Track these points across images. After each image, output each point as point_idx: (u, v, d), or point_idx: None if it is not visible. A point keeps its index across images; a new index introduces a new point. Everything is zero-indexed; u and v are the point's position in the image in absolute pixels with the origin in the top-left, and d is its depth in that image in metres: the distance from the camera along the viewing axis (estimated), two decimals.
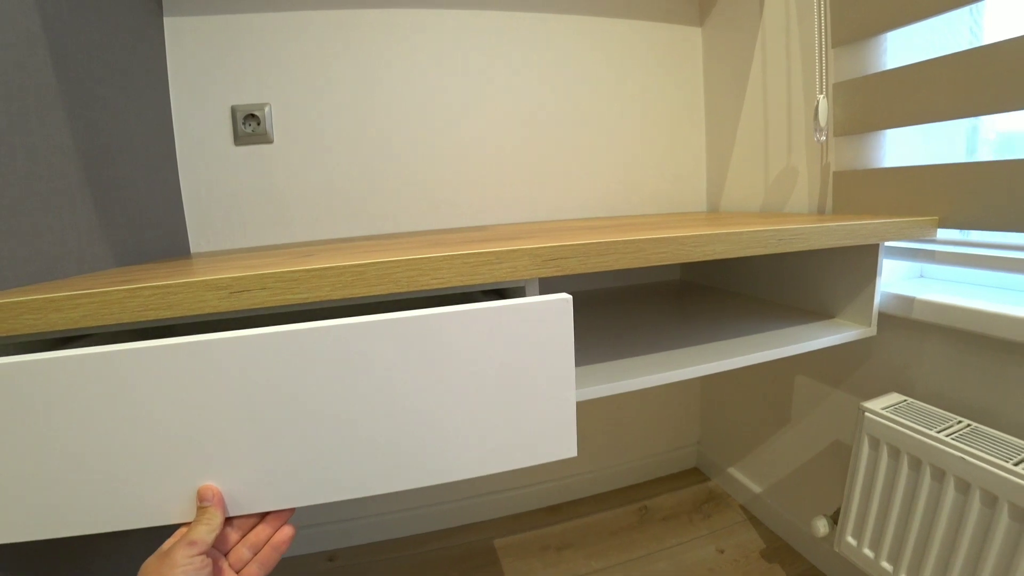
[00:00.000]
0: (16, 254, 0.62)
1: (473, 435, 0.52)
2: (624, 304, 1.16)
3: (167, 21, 1.06)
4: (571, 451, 0.57)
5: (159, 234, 0.99)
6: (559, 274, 0.54)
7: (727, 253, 0.60)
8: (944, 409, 0.84)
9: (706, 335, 0.87)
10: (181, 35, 1.07)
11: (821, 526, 0.99)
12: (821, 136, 0.99)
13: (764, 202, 1.23)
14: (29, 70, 0.66)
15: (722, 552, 1.25)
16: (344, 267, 0.48)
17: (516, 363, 0.52)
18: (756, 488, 1.36)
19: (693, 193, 1.46)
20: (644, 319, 1.01)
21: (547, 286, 1.29)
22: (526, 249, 0.54)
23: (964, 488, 0.71)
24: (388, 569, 1.26)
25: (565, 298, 0.51)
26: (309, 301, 0.48)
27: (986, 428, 0.77)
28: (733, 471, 1.46)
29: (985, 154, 0.94)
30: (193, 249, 1.13)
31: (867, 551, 0.87)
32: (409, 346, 0.48)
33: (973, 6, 0.79)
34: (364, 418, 0.48)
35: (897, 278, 0.99)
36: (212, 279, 0.46)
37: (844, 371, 1.05)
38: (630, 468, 1.55)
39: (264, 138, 1.12)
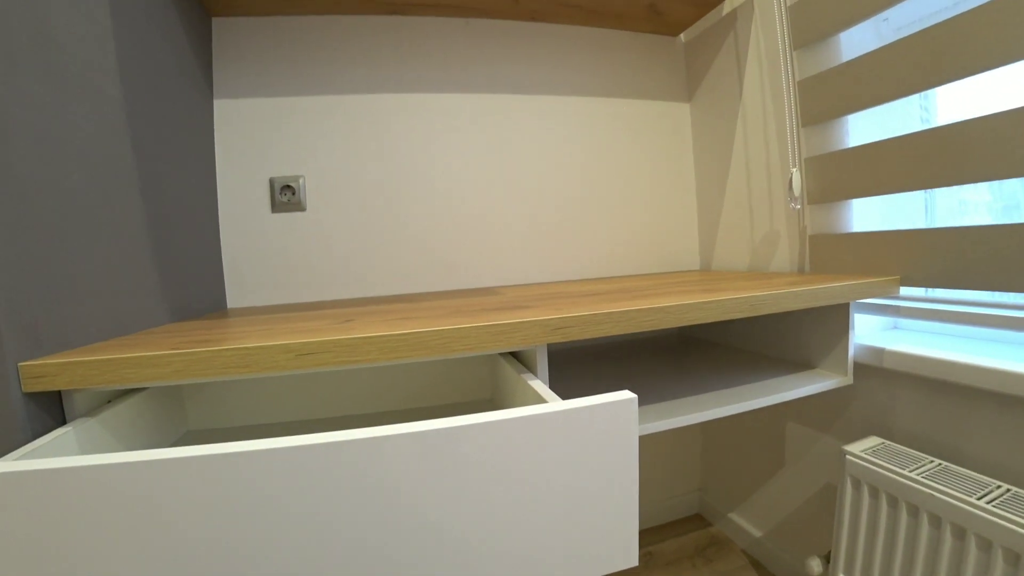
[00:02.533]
0: (98, 311, 0.72)
1: (532, 549, 0.47)
2: (626, 357, 1.25)
3: (216, 103, 1.20)
4: (633, 559, 0.51)
5: (201, 291, 1.10)
6: (564, 340, 0.64)
7: (707, 319, 0.71)
8: (919, 450, 0.92)
9: (703, 385, 0.96)
10: (228, 115, 1.21)
11: (815, 566, 1.05)
12: (796, 204, 1.11)
13: (751, 262, 1.35)
14: (115, 154, 0.78)
15: None
16: (391, 336, 0.59)
17: (578, 473, 0.47)
18: (756, 532, 1.42)
19: (687, 252, 1.58)
20: (646, 370, 1.10)
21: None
22: (537, 321, 0.64)
23: (936, 522, 0.78)
24: None
25: (630, 398, 0.48)
26: (361, 362, 0.58)
27: (955, 467, 0.84)
28: (734, 516, 1.51)
29: (943, 220, 1.05)
30: (229, 304, 1.24)
31: None
32: (472, 454, 0.44)
33: (925, 92, 0.92)
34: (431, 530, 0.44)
35: (872, 330, 1.08)
36: (284, 343, 0.56)
37: (829, 417, 1.14)
38: None
39: (298, 206, 1.25)
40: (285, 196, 1.24)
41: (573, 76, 1.45)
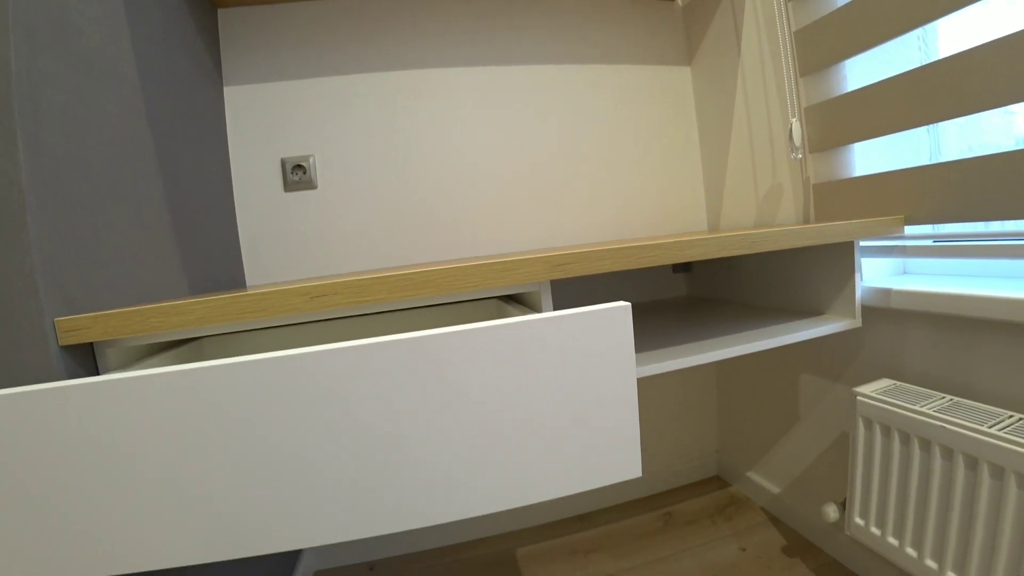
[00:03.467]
0: (123, 279, 0.76)
1: (531, 459, 0.49)
2: (638, 316, 1.27)
3: (227, 90, 1.24)
4: (635, 471, 0.52)
5: (221, 269, 1.14)
6: (566, 276, 0.66)
7: (705, 255, 0.72)
8: (930, 388, 0.92)
9: (714, 333, 0.98)
10: (237, 100, 1.25)
11: (831, 512, 1.06)
12: (797, 155, 1.11)
13: (757, 218, 1.35)
14: (136, 135, 0.82)
15: (744, 550, 1.31)
16: (398, 275, 0.61)
17: (576, 379, 0.48)
18: (775, 489, 1.43)
19: (694, 215, 1.59)
20: (657, 326, 1.12)
21: (558, 304, 1.41)
22: (539, 257, 0.66)
23: (948, 455, 0.79)
24: None
25: (624, 306, 0.49)
26: (371, 302, 0.61)
27: (966, 400, 0.85)
28: (752, 475, 1.52)
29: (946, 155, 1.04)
30: (248, 282, 1.28)
31: (874, 529, 0.93)
32: (472, 358, 0.46)
33: (922, 28, 0.91)
34: (420, 437, 0.46)
35: (882, 275, 1.09)
36: (298, 287, 0.59)
37: (841, 364, 1.14)
38: (653, 479, 1.63)
39: (310, 185, 1.29)
40: (296, 175, 1.27)
41: (575, 45, 1.46)
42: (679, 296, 1.56)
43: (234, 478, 0.44)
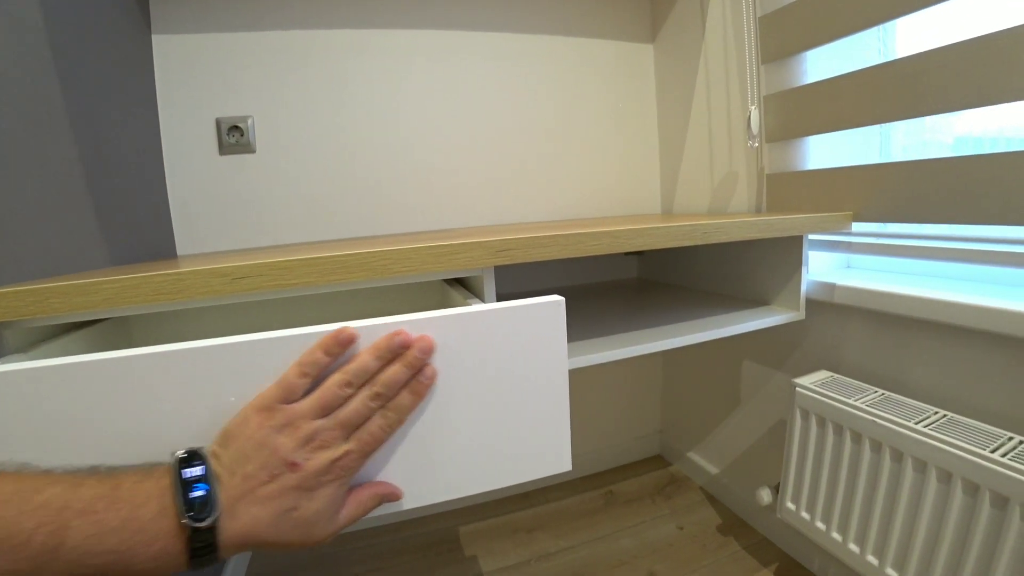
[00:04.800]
0: (25, 252, 0.68)
1: (461, 452, 0.48)
2: (585, 299, 1.26)
3: (155, 39, 1.13)
4: (565, 464, 0.52)
5: (148, 237, 1.05)
6: (508, 262, 0.64)
7: (654, 244, 0.71)
8: (865, 382, 0.95)
9: (659, 320, 0.97)
10: (168, 52, 1.14)
11: (765, 495, 1.09)
12: (754, 143, 1.11)
13: (711, 204, 1.35)
14: (39, 86, 0.73)
15: (681, 529, 1.35)
16: (329, 257, 0.57)
17: (507, 372, 0.48)
18: (713, 469, 1.47)
19: (649, 196, 1.57)
20: (603, 309, 1.11)
21: (506, 284, 1.38)
22: (479, 242, 0.63)
23: (877, 448, 0.82)
24: (366, 555, 1.33)
25: (557, 300, 0.48)
26: (298, 286, 0.57)
27: (897, 396, 0.88)
28: (692, 455, 1.56)
29: (896, 155, 1.06)
30: (180, 252, 1.19)
31: (804, 514, 0.97)
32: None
33: (883, 25, 0.91)
34: None
35: (826, 268, 1.10)
36: (217, 267, 0.54)
37: (783, 354, 1.17)
38: (597, 457, 1.65)
39: (247, 148, 1.19)
40: (233, 137, 1.18)
41: (534, 14, 1.39)
42: (629, 279, 1.56)
43: None
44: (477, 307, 0.47)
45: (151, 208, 1.08)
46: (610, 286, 1.44)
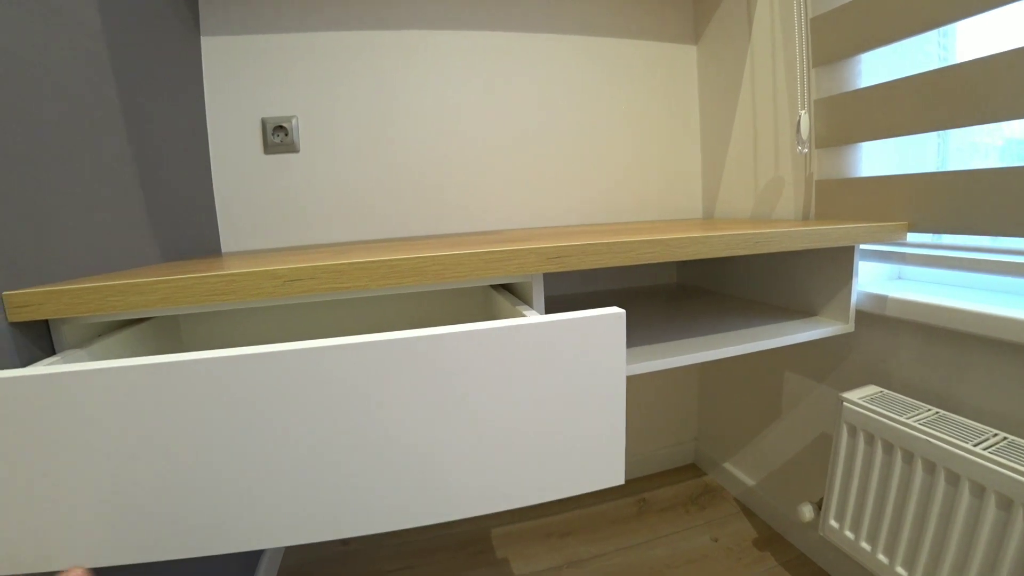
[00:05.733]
0: (80, 247, 0.70)
1: (518, 463, 0.47)
2: (625, 304, 1.24)
3: (204, 40, 1.15)
4: (619, 478, 0.51)
5: (195, 234, 1.08)
6: (561, 269, 0.63)
7: (709, 254, 0.69)
8: (916, 399, 0.91)
9: (701, 330, 0.95)
10: (216, 53, 1.16)
11: (807, 511, 1.06)
12: (803, 148, 1.07)
13: (754, 209, 1.32)
14: (96, 87, 0.75)
15: (716, 540, 1.32)
16: (382, 261, 0.57)
17: (564, 384, 0.47)
18: (750, 481, 1.44)
19: (690, 200, 1.55)
20: (645, 315, 1.09)
21: (550, 288, 1.38)
22: (533, 248, 0.62)
23: (931, 469, 0.79)
24: (397, 553, 1.33)
25: (618, 312, 0.47)
26: (351, 289, 0.57)
27: (951, 415, 0.84)
28: (728, 465, 1.53)
29: (955, 163, 1.02)
30: (224, 249, 1.22)
31: (848, 533, 0.94)
32: (466, 359, 0.44)
33: (943, 28, 0.87)
34: (410, 437, 0.44)
35: (877, 279, 1.07)
36: (270, 269, 0.55)
37: (828, 366, 1.13)
38: (631, 463, 1.63)
39: (291, 148, 1.21)
40: (278, 137, 1.20)
41: (575, 14, 1.38)
42: (669, 284, 1.53)
43: (213, 477, 0.42)
44: (537, 318, 0.46)
45: (198, 205, 1.11)
46: (650, 291, 1.42)
